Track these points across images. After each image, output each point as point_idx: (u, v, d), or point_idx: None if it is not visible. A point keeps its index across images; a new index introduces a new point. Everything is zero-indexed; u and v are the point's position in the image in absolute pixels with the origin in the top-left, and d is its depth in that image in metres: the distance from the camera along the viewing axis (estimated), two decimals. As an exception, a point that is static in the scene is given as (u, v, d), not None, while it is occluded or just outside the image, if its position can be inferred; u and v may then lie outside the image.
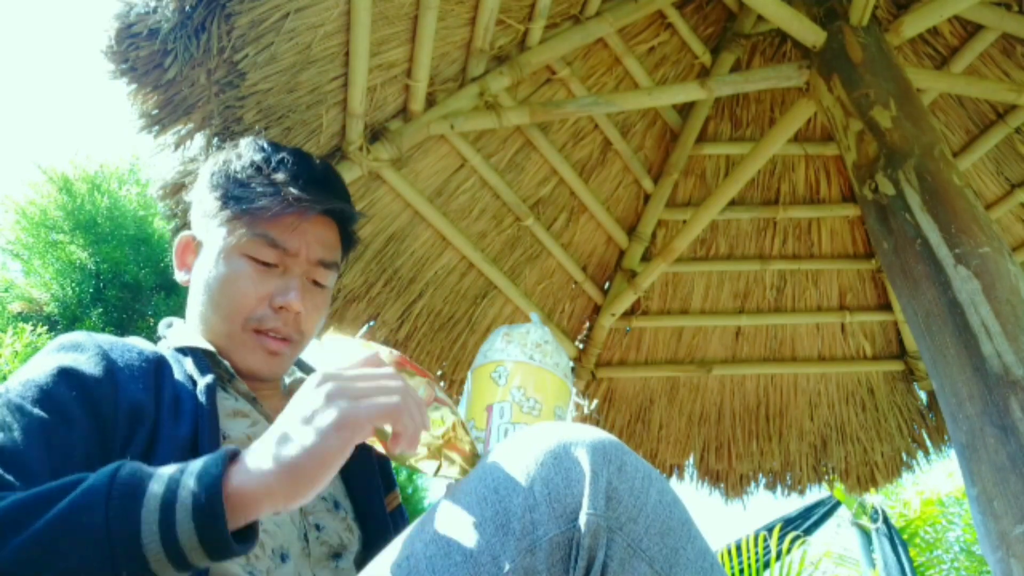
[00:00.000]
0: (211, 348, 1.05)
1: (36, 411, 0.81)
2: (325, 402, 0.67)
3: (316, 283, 1.11)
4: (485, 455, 0.84)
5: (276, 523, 0.91)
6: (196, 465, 0.66)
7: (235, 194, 1.07)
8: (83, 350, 0.92)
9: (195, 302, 1.10)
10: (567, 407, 1.07)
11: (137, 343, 1.01)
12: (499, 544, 0.63)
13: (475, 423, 1.01)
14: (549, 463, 0.66)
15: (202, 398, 0.93)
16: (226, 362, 1.05)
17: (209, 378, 0.97)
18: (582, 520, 0.63)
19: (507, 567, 0.63)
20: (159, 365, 0.97)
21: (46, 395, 0.84)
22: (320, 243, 1.10)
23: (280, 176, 1.07)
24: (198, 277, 1.10)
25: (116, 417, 0.86)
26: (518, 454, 0.68)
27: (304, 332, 1.11)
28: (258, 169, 1.09)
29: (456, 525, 0.67)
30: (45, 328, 5.30)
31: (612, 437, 0.70)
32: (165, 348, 1.05)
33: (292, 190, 1.05)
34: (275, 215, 1.05)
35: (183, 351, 1.03)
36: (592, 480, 0.64)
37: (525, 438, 0.71)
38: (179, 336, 1.08)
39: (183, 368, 0.99)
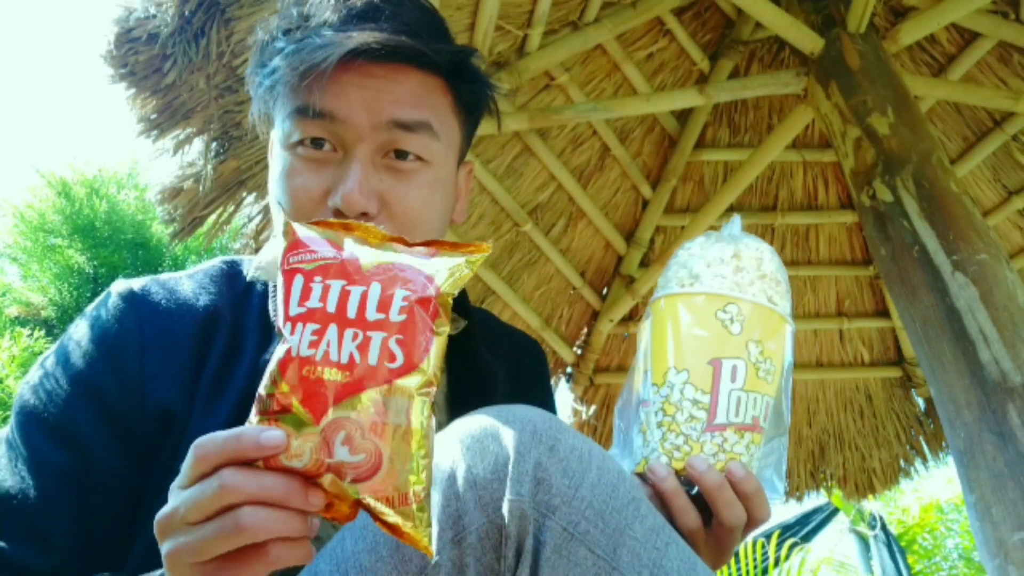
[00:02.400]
0: None
1: (54, 453, 0.75)
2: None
3: (400, 155, 0.81)
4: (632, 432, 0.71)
5: None
6: None
7: (264, 74, 0.83)
8: (112, 334, 0.80)
9: None
10: (791, 370, 0.81)
11: (193, 289, 0.84)
12: None
13: (689, 375, 0.75)
14: (474, 449, 0.61)
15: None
16: None
17: (273, 349, 0.80)
18: (504, 507, 0.59)
19: (433, 560, 0.59)
20: (212, 324, 0.82)
21: (64, 427, 0.76)
22: (392, 98, 0.80)
23: (310, 24, 0.80)
24: None
25: (143, 423, 0.77)
26: (444, 444, 0.63)
27: (402, 231, 0.77)
28: (287, 31, 0.82)
29: None
30: (42, 332, 5.29)
31: (548, 416, 0.64)
32: (253, 271, 0.88)
33: (315, 39, 0.77)
34: (303, 78, 0.76)
35: (266, 284, 0.86)
36: (516, 463, 0.60)
37: (454, 427, 0.65)
38: (268, 260, 0.88)
39: (257, 313, 0.84)
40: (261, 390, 0.53)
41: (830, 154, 2.75)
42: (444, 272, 0.55)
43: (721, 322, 0.76)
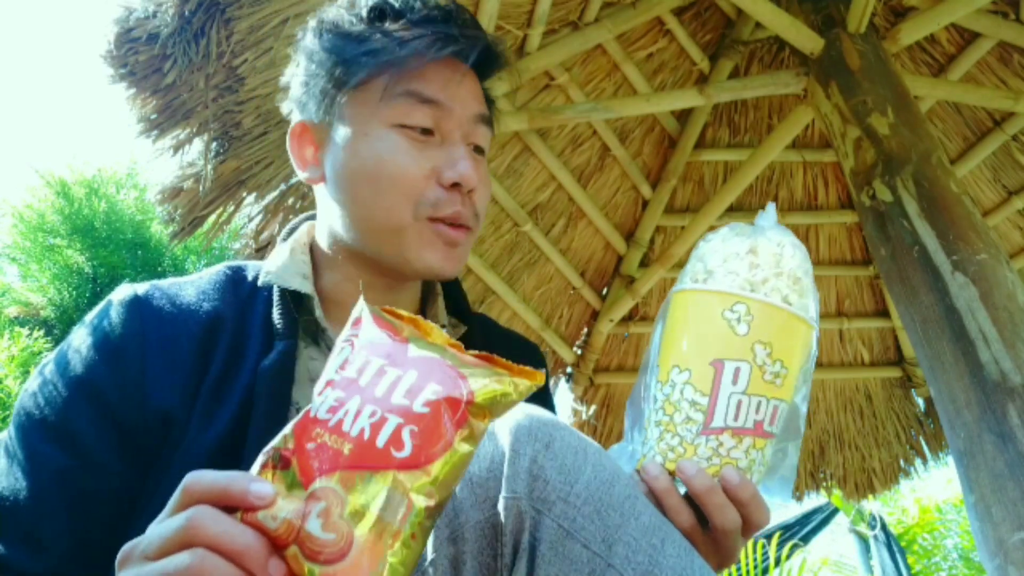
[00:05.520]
0: (304, 290, 0.86)
1: (52, 455, 0.75)
2: None
3: (478, 149, 0.91)
4: (653, 429, 0.69)
5: None
6: None
7: (364, 51, 0.85)
8: (114, 337, 0.80)
9: (334, 204, 0.88)
10: (811, 372, 0.77)
11: (196, 295, 0.85)
12: None
13: (690, 376, 0.72)
14: None
15: (262, 382, 0.78)
16: (319, 310, 0.86)
17: (274, 355, 0.81)
18: (500, 504, 0.59)
19: (429, 557, 0.60)
20: (214, 330, 0.82)
21: (63, 428, 0.75)
22: (473, 95, 0.90)
23: (414, 16, 0.87)
24: (334, 171, 0.88)
25: (143, 427, 0.77)
26: None
27: (480, 216, 0.90)
28: (381, 14, 0.88)
29: None
30: (42, 332, 5.29)
31: (545, 413, 0.64)
32: (262, 276, 0.88)
33: (442, 29, 0.85)
34: (423, 62, 0.84)
35: (271, 291, 0.87)
36: (511, 460, 0.60)
37: None
38: (278, 265, 0.89)
39: (261, 318, 0.84)
40: (274, 442, 0.51)
41: (830, 154, 2.75)
42: (484, 383, 0.51)
43: (727, 322, 0.72)
